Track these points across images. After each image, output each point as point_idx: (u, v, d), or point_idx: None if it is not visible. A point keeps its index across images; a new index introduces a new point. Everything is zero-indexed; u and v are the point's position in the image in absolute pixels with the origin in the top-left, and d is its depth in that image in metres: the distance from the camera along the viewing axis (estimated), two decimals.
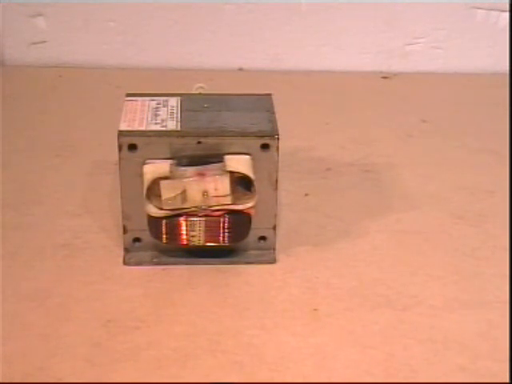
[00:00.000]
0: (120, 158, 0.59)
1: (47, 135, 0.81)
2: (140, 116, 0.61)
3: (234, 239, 0.60)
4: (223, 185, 0.57)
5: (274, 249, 0.62)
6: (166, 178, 0.57)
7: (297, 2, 0.96)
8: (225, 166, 0.58)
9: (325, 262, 0.62)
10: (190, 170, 0.58)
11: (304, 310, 0.57)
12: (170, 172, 0.57)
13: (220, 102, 0.63)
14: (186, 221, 0.58)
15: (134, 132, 0.59)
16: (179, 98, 0.64)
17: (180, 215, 0.58)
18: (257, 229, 0.61)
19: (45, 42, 0.97)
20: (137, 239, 0.61)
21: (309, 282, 0.60)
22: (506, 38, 0.97)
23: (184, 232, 0.59)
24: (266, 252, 0.62)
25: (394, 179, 0.74)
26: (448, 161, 0.78)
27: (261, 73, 0.97)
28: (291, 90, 0.92)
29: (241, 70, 0.99)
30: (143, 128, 0.59)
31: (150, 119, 0.60)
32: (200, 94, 0.65)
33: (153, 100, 0.63)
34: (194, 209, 0.58)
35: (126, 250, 0.62)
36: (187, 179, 0.57)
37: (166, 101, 0.63)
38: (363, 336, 0.55)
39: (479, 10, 0.97)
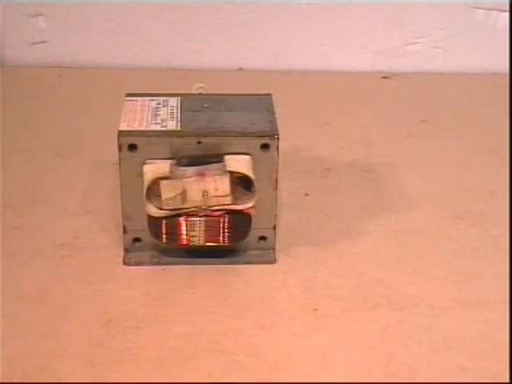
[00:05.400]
0: (120, 158, 0.59)
1: (47, 135, 0.81)
2: (140, 116, 0.61)
3: (234, 239, 0.60)
4: (223, 185, 0.57)
5: (274, 249, 0.62)
6: (165, 178, 0.57)
7: (297, 2, 0.96)
8: (225, 166, 0.58)
9: (325, 262, 0.62)
10: (190, 170, 0.58)
11: (304, 310, 0.57)
12: (170, 172, 0.57)
13: (220, 102, 0.63)
14: (186, 221, 0.58)
15: (133, 132, 0.59)
16: (179, 98, 0.64)
17: (180, 215, 0.58)
18: (257, 229, 0.61)
19: (45, 42, 0.97)
20: (137, 239, 0.61)
21: (309, 281, 0.60)
22: (506, 38, 0.97)
23: (184, 232, 0.59)
24: (265, 252, 0.62)
25: (394, 179, 0.74)
26: (448, 161, 0.78)
27: (261, 73, 0.97)
28: (291, 90, 0.92)
29: (241, 70, 0.99)
30: (143, 128, 0.59)
31: (150, 119, 0.60)
32: (200, 94, 0.65)
33: (153, 100, 0.63)
34: (193, 209, 0.58)
35: (126, 250, 0.62)
36: (187, 179, 0.57)
37: (166, 101, 0.63)
38: (363, 336, 0.55)
39: (479, 10, 0.97)
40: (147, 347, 0.54)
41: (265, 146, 0.59)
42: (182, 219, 0.58)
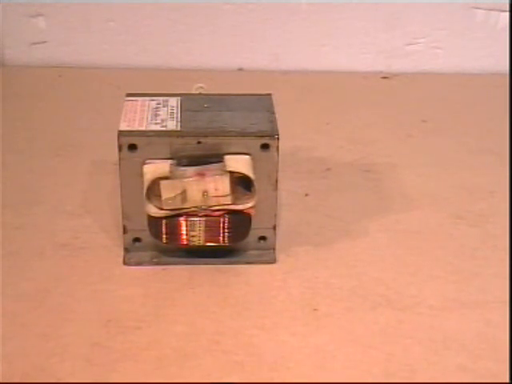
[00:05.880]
0: (120, 158, 0.59)
1: (47, 135, 0.81)
2: (140, 116, 0.61)
3: (234, 239, 0.60)
4: (223, 185, 0.57)
5: (274, 249, 0.62)
6: (165, 178, 0.57)
7: (297, 2, 0.96)
8: (225, 165, 0.58)
9: (325, 262, 0.62)
10: (190, 170, 0.58)
11: (304, 310, 0.57)
12: (170, 172, 0.57)
13: (220, 102, 0.63)
14: (186, 221, 0.58)
15: (134, 132, 0.59)
16: (179, 98, 0.64)
17: (180, 215, 0.58)
18: (257, 229, 0.61)
19: (45, 42, 0.97)
20: (137, 239, 0.61)
21: (309, 281, 0.60)
22: (506, 38, 0.97)
23: (184, 232, 0.59)
24: (265, 252, 0.62)
25: (394, 179, 0.74)
26: (448, 161, 0.78)
27: (261, 73, 0.97)
28: (291, 90, 0.92)
29: (241, 70, 0.99)
30: (143, 128, 0.59)
31: (150, 119, 0.60)
32: (200, 94, 0.65)
33: (153, 100, 0.63)
34: (193, 209, 0.58)
35: (126, 250, 0.62)
36: (187, 179, 0.57)
37: (166, 101, 0.63)
38: (363, 336, 0.55)
39: (479, 10, 0.97)
40: (147, 347, 0.54)
41: (265, 146, 0.59)
42: (181, 219, 0.58)
